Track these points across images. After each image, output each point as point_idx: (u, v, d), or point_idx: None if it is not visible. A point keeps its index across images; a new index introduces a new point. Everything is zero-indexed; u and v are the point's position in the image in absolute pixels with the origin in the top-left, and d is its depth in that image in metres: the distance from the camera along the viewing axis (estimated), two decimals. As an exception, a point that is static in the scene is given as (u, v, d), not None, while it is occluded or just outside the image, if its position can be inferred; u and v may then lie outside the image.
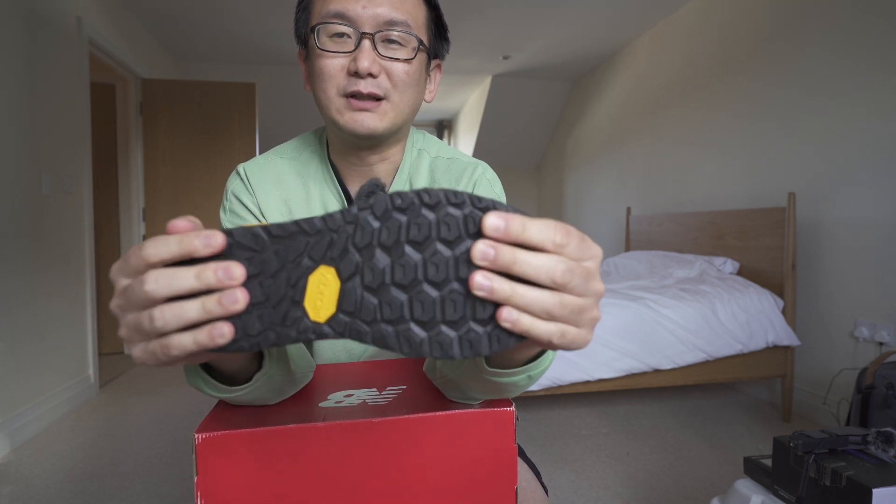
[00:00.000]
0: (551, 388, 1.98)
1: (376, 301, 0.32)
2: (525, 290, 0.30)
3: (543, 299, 0.30)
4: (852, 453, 1.09)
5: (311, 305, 0.33)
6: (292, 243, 0.33)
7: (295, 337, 0.33)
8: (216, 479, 0.45)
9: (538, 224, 0.30)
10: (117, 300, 0.33)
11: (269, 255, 0.33)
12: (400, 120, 0.66)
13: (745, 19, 2.76)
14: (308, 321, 0.33)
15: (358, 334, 0.33)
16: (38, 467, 1.88)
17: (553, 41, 3.92)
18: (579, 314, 0.31)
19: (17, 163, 2.15)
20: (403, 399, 0.54)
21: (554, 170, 5.47)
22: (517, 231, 0.30)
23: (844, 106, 2.17)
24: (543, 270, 0.30)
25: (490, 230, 0.30)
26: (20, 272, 2.16)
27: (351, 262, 0.33)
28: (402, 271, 0.32)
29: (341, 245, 0.33)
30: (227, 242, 0.32)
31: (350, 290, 0.33)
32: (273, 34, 3.75)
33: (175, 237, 0.31)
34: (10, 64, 2.10)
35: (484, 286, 0.30)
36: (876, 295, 2.04)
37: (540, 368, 0.44)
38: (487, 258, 0.30)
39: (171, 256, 0.31)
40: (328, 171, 0.72)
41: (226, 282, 0.31)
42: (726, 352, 2.12)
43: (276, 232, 0.33)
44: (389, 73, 0.62)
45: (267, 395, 0.50)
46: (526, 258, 0.30)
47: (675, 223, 3.12)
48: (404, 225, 0.32)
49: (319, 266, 0.33)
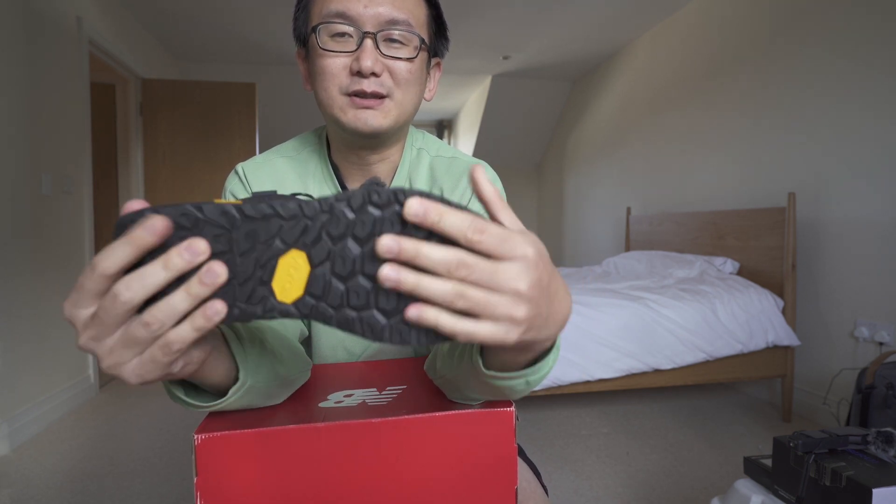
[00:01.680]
0: (551, 387, 1.98)
1: (343, 287, 0.34)
2: (429, 281, 0.32)
3: (444, 290, 0.32)
4: (852, 453, 1.09)
5: (279, 286, 0.34)
6: (265, 225, 0.33)
7: (260, 314, 0.34)
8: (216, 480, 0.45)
9: (455, 216, 0.32)
10: (89, 332, 0.32)
11: (240, 234, 0.33)
12: (403, 118, 0.66)
13: (745, 19, 2.75)
14: (274, 300, 0.34)
15: (323, 317, 0.34)
16: (37, 467, 1.88)
17: (553, 41, 3.91)
18: (486, 308, 0.32)
19: (18, 163, 2.15)
20: (403, 399, 0.54)
21: (554, 170, 5.47)
22: (434, 219, 0.32)
23: (845, 105, 2.17)
24: (442, 263, 0.31)
25: (410, 215, 0.32)
26: (20, 272, 2.16)
27: (323, 250, 0.33)
28: (371, 262, 0.33)
29: (315, 232, 0.33)
30: (197, 218, 0.32)
31: (319, 275, 0.34)
32: (273, 34, 3.75)
33: (120, 240, 0.30)
34: (10, 64, 2.10)
35: (391, 277, 0.32)
36: (876, 295, 2.03)
37: (538, 375, 0.44)
38: (392, 251, 0.32)
39: (127, 260, 0.30)
40: (328, 169, 0.72)
41: (193, 259, 0.31)
42: (726, 352, 2.12)
43: (249, 213, 0.33)
44: (392, 71, 0.62)
45: (256, 401, 0.49)
46: (427, 251, 0.31)
47: (675, 223, 3.12)
48: (378, 219, 0.33)
49: (291, 249, 0.34)
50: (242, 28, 3.62)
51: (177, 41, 3.87)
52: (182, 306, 0.31)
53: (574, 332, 1.98)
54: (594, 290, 2.24)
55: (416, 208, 0.32)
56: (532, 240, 0.34)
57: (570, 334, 1.98)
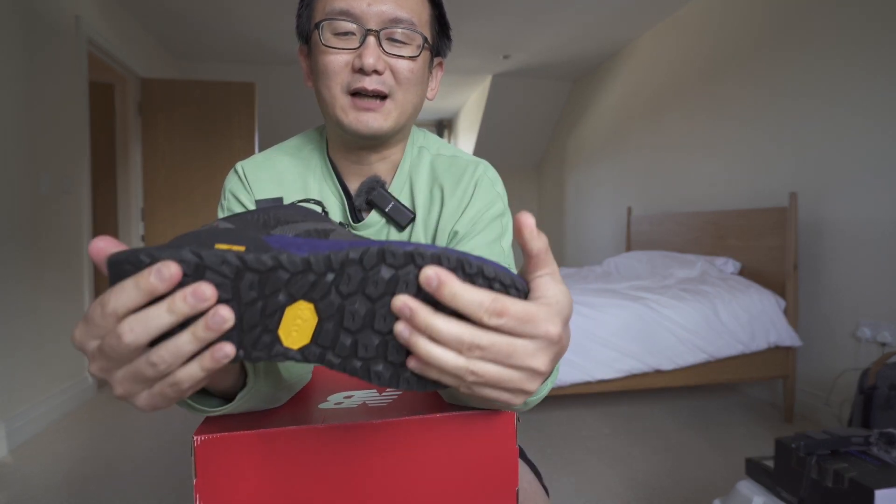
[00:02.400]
0: (552, 388, 1.97)
1: (351, 340, 0.33)
2: (440, 351, 0.31)
3: (456, 365, 0.31)
4: (854, 454, 1.09)
5: (286, 334, 0.33)
6: (270, 277, 0.32)
7: (265, 358, 0.33)
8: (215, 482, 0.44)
9: (470, 295, 0.31)
10: (98, 363, 0.32)
11: (244, 284, 0.31)
12: (403, 119, 0.66)
13: (747, 19, 2.75)
14: (280, 346, 0.33)
15: (329, 365, 0.34)
16: (36, 468, 1.87)
17: (554, 40, 3.91)
18: (498, 384, 0.32)
19: (16, 162, 2.14)
20: (404, 400, 0.53)
21: (554, 170, 5.46)
22: (447, 297, 0.31)
23: (847, 105, 2.16)
24: (454, 341, 0.31)
25: (423, 284, 0.31)
26: (18, 272, 2.15)
27: (332, 305, 0.33)
28: (382, 319, 0.32)
29: (324, 289, 0.32)
30: (197, 265, 0.31)
31: (327, 328, 0.33)
32: (273, 33, 3.74)
33: (130, 281, 0.30)
34: (9, 63, 2.09)
35: (403, 336, 0.31)
36: (878, 295, 2.03)
37: (537, 396, 0.45)
38: (403, 315, 0.31)
39: (135, 304, 0.30)
40: (328, 168, 0.72)
41: (199, 305, 0.30)
42: (728, 352, 2.12)
43: (252, 265, 0.31)
44: (394, 70, 0.62)
45: (258, 405, 0.49)
46: (437, 326, 0.31)
47: (676, 223, 3.12)
48: (391, 280, 0.32)
49: (298, 301, 0.33)
50: (242, 27, 3.62)
51: (176, 40, 3.86)
52: (188, 348, 0.31)
53: (575, 333, 1.98)
54: (595, 291, 2.24)
55: (431, 279, 0.31)
56: (557, 309, 0.33)
57: (571, 335, 1.97)
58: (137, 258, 0.30)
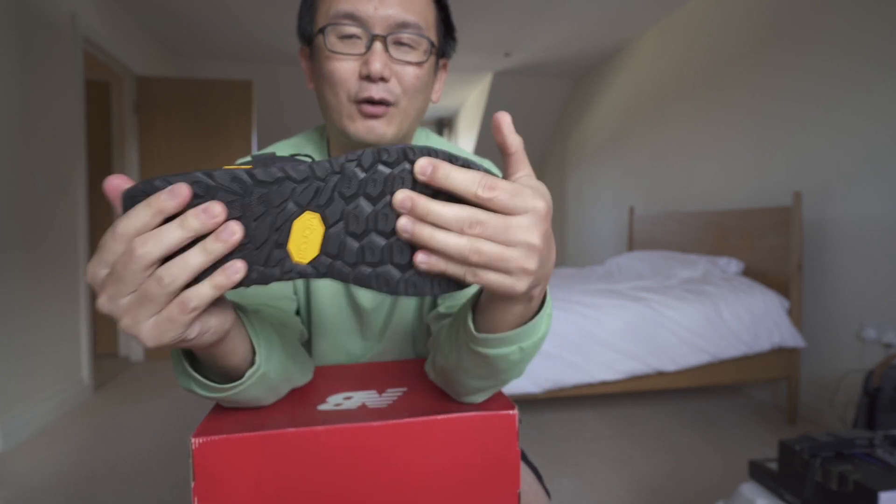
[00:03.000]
0: (553, 390, 1.95)
1: (358, 245, 0.35)
2: (443, 235, 0.33)
3: (459, 245, 0.33)
4: (859, 456, 1.08)
5: (295, 248, 0.35)
6: (278, 189, 0.34)
7: (279, 276, 0.35)
8: (213, 484, 0.45)
9: (462, 175, 0.33)
10: (108, 290, 0.32)
11: (253, 199, 0.33)
12: (406, 125, 0.65)
13: (749, 17, 2.74)
14: (291, 262, 0.35)
15: (339, 275, 0.36)
16: (31, 469, 1.86)
17: (555, 38, 3.90)
18: (500, 262, 0.33)
19: (11, 162, 2.12)
20: (404, 401, 0.53)
21: (556, 169, 5.46)
22: (441, 178, 0.33)
23: (852, 103, 2.15)
24: (455, 221, 0.33)
25: (418, 173, 0.33)
26: (14, 272, 2.13)
27: (336, 210, 0.35)
28: (384, 220, 0.35)
29: (327, 194, 0.34)
30: (209, 185, 0.32)
31: (334, 235, 0.35)
32: (271, 31, 3.73)
33: (142, 203, 0.31)
34: (3, 61, 2.08)
35: (406, 229, 0.34)
36: (883, 296, 2.02)
37: (531, 339, 0.43)
38: (405, 207, 0.34)
39: (147, 224, 0.31)
40: None
41: (210, 221, 0.32)
42: (731, 353, 2.10)
43: (261, 177, 0.33)
44: (400, 77, 0.62)
45: (261, 394, 0.49)
46: (439, 210, 0.33)
47: (678, 223, 3.10)
48: (388, 177, 0.34)
49: (305, 212, 0.34)
50: (239, 25, 3.61)
51: (173, 38, 3.85)
52: (196, 261, 0.32)
53: (576, 334, 1.96)
54: (597, 291, 2.23)
55: (426, 167, 0.33)
56: (541, 192, 0.35)
57: (572, 335, 1.96)
58: (153, 186, 0.32)
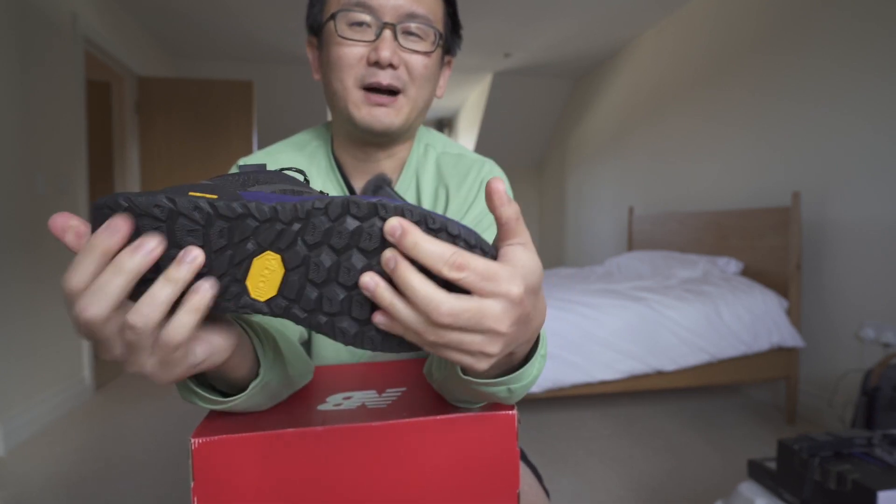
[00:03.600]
0: (552, 389, 1.96)
1: (317, 293, 0.34)
2: (402, 306, 0.31)
3: (416, 321, 0.31)
4: (858, 456, 1.08)
5: (253, 285, 0.34)
6: (239, 225, 0.32)
7: (233, 309, 0.34)
8: (213, 484, 0.44)
9: (431, 247, 0.30)
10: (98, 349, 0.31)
11: (214, 231, 0.32)
12: (414, 115, 0.65)
13: (749, 17, 2.74)
14: (248, 297, 0.34)
15: (294, 319, 0.34)
16: (32, 469, 1.86)
17: (555, 38, 3.90)
18: (459, 345, 0.31)
19: (12, 162, 2.13)
20: (403, 401, 0.53)
21: (555, 169, 5.46)
22: (409, 246, 0.30)
23: (851, 103, 2.15)
24: (421, 297, 0.30)
25: (387, 234, 0.31)
26: (15, 272, 2.14)
27: (297, 255, 0.33)
28: (346, 273, 0.33)
29: (289, 238, 0.33)
30: (171, 210, 0.31)
31: (293, 279, 0.34)
32: (271, 31, 3.73)
33: (85, 251, 0.29)
34: (4, 61, 2.08)
35: (369, 287, 0.31)
36: (882, 295, 2.02)
37: (520, 383, 0.43)
38: (389, 267, 0.31)
39: (95, 270, 0.29)
40: (332, 165, 0.72)
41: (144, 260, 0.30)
42: (730, 353, 2.11)
43: (222, 211, 0.32)
44: (408, 65, 0.62)
45: (262, 401, 0.49)
46: (406, 275, 0.31)
47: (678, 223, 3.11)
48: (355, 232, 0.32)
49: (266, 251, 0.33)
50: (239, 25, 3.61)
51: (173, 38, 3.85)
52: (163, 294, 0.30)
53: (576, 334, 1.97)
54: (596, 291, 2.23)
55: (395, 228, 0.31)
56: (522, 272, 0.32)
57: (572, 335, 1.96)
58: (116, 202, 0.31)
